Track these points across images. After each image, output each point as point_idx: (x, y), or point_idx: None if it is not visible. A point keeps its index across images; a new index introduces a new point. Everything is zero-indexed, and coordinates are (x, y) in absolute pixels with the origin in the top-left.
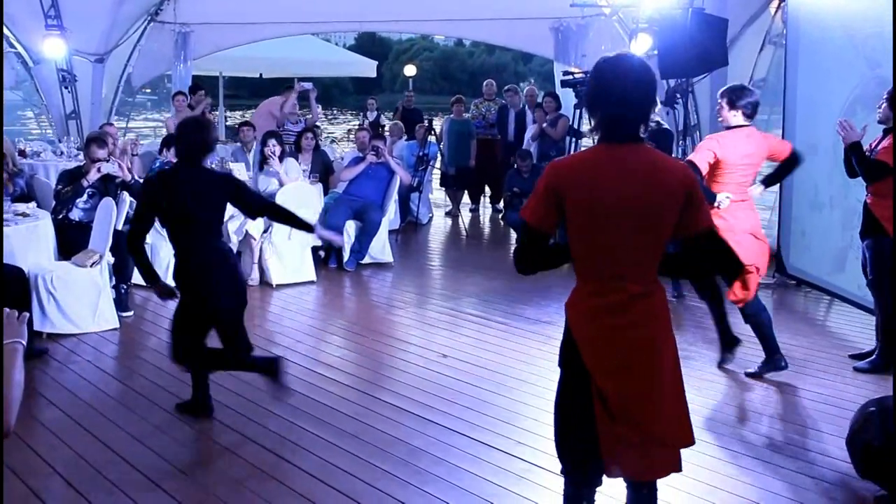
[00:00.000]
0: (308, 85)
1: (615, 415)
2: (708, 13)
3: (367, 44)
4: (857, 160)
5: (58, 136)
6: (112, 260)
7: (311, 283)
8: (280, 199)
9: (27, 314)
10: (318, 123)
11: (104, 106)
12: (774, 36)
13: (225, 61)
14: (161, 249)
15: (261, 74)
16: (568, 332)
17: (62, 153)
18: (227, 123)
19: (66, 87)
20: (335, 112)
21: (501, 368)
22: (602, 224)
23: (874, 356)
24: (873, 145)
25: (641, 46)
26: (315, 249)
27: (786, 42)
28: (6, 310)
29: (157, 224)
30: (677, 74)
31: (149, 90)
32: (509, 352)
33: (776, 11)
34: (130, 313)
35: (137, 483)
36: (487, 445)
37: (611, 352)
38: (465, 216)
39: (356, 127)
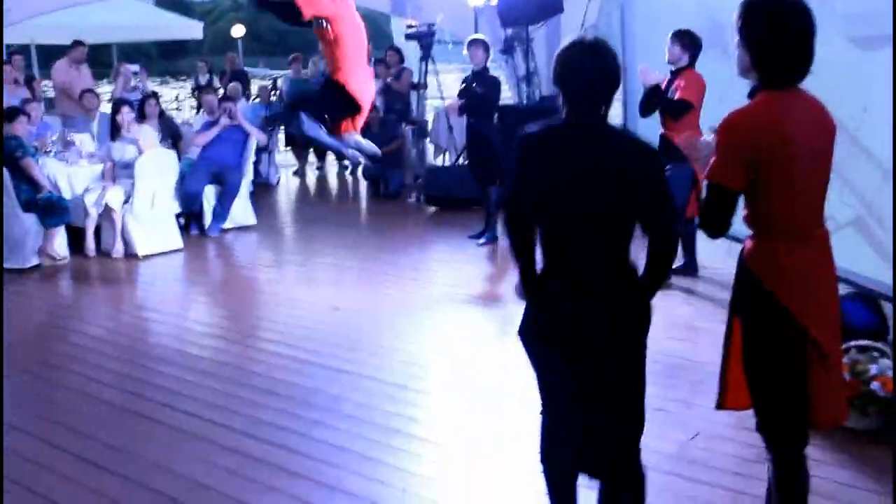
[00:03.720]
0: (135, 66)
1: (829, 362)
2: None
3: (166, 5)
4: (659, 100)
5: None
6: None
7: (178, 251)
8: (141, 167)
9: None
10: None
11: None
12: None
13: (37, 29)
14: (14, 228)
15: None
16: (767, 296)
17: None
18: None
19: None
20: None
21: (396, 314)
22: (800, 171)
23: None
24: (663, 86)
25: None
26: (177, 217)
27: None
28: None
29: None
30: (517, 22)
31: None
32: (398, 298)
33: None
34: None
35: (71, 461)
36: (405, 387)
37: (820, 294)
38: (312, 175)
39: (192, 91)
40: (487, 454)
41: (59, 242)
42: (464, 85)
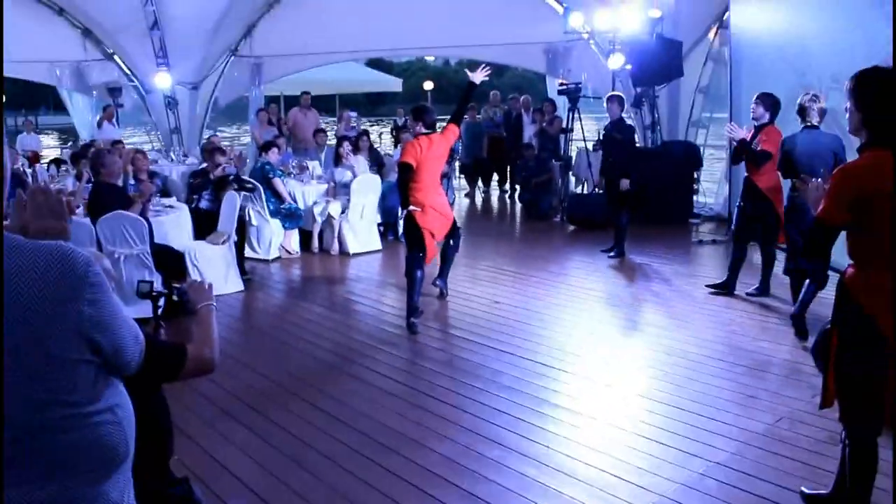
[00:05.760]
0: (353, 114)
1: None
2: (667, 37)
3: (373, 66)
4: (745, 151)
5: (165, 147)
6: (235, 238)
7: (378, 251)
8: (355, 187)
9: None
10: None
11: (198, 122)
12: (714, 54)
13: (284, 84)
14: (264, 229)
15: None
16: (860, 312)
17: (172, 160)
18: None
19: (171, 109)
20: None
21: (543, 308)
22: (888, 212)
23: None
24: (748, 138)
25: (616, 62)
26: (378, 226)
27: (730, 60)
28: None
29: (257, 205)
30: (646, 83)
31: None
32: (545, 296)
33: (714, 35)
34: (248, 276)
35: (298, 401)
36: (552, 367)
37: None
38: (479, 196)
39: (391, 130)
40: (615, 421)
41: (294, 241)
42: (604, 132)
